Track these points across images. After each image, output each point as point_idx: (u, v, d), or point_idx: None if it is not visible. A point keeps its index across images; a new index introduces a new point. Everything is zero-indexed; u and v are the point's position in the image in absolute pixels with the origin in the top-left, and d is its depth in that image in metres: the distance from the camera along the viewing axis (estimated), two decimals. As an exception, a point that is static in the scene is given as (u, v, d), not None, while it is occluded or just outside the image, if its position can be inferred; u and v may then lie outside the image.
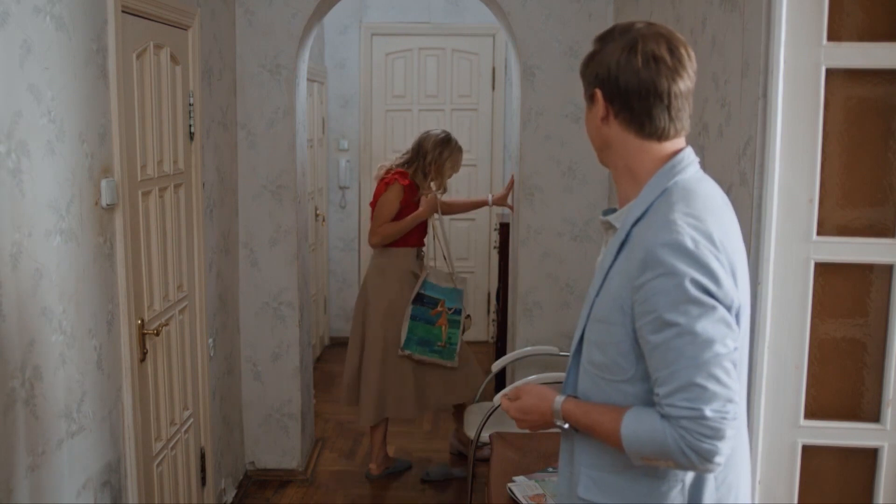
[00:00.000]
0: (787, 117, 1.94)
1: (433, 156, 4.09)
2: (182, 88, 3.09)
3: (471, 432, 3.67)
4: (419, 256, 4.18)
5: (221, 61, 3.65)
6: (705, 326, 1.38)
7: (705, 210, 1.47)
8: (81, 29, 2.27)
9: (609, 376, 1.52)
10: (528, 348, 3.91)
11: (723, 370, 1.38)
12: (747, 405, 2.00)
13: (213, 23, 3.51)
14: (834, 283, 2.00)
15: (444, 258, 4.22)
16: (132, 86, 2.63)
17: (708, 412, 1.37)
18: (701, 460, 1.39)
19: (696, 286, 1.39)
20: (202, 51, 3.30)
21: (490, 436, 3.28)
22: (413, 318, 4.03)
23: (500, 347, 4.88)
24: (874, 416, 2.00)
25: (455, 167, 4.18)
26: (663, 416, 1.40)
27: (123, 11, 2.52)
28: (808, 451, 2.04)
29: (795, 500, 2.05)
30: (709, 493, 1.50)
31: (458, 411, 4.32)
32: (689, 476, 1.50)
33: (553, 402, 1.60)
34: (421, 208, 4.09)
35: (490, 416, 3.40)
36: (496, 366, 3.88)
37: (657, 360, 1.42)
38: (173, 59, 2.99)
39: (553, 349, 3.84)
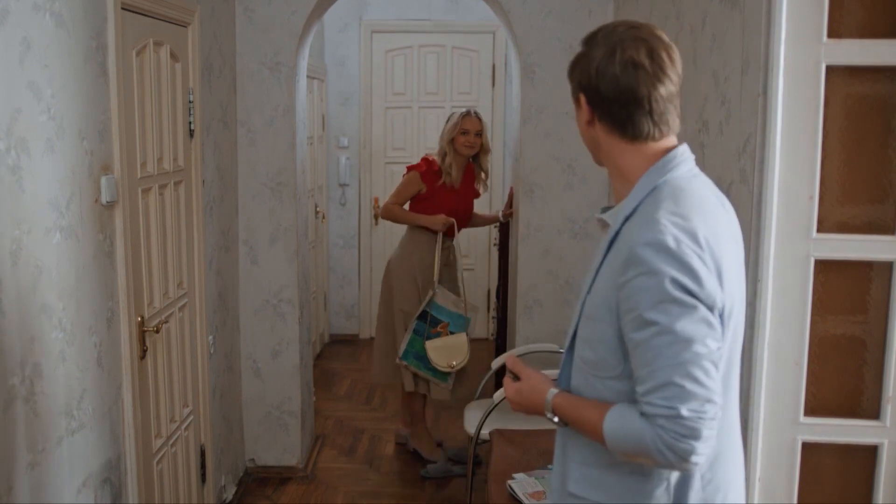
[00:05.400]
0: (788, 114, 1.94)
1: (441, 134, 4.19)
2: (182, 86, 3.09)
3: (471, 429, 3.67)
4: (445, 247, 4.18)
5: (221, 58, 3.65)
6: (685, 326, 1.38)
7: (693, 208, 1.45)
8: (81, 26, 2.26)
9: (598, 373, 1.53)
10: (529, 345, 3.92)
11: (702, 370, 1.38)
12: (746, 402, 2.02)
13: (213, 20, 3.51)
14: (834, 280, 2.00)
15: (460, 284, 4.25)
16: (132, 83, 2.63)
17: (684, 411, 1.37)
18: (678, 459, 1.39)
19: (677, 285, 1.38)
20: (202, 48, 3.30)
21: (490, 433, 3.28)
22: (415, 332, 4.10)
23: (500, 344, 4.90)
24: (874, 413, 2.01)
25: (468, 139, 4.10)
26: (643, 415, 1.41)
27: (123, 8, 2.51)
28: (807, 448, 2.04)
29: (795, 498, 2.06)
30: (694, 493, 1.50)
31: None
32: (675, 475, 1.50)
33: (546, 394, 1.61)
34: (430, 217, 4.11)
35: (490, 412, 3.40)
36: (496, 363, 3.89)
37: (638, 358, 1.42)
38: (173, 56, 2.99)
39: (553, 346, 3.84)
